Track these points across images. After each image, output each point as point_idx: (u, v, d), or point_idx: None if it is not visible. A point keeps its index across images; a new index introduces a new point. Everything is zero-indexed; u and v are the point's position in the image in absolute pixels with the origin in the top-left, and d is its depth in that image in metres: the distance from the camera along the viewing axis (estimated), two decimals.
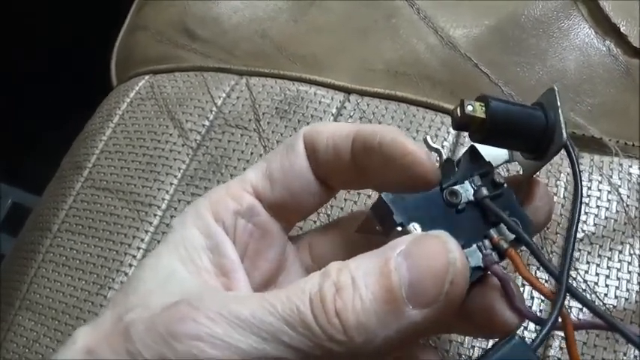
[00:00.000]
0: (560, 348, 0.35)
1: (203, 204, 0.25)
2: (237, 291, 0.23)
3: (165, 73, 0.49)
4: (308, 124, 0.43)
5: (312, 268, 0.27)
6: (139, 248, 0.42)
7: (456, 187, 0.23)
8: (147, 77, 0.50)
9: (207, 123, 0.45)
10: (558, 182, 0.38)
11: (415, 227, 0.22)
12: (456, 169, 0.24)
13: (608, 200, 0.37)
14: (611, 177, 0.38)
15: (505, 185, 0.24)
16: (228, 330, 0.19)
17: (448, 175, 0.24)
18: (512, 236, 0.24)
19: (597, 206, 0.37)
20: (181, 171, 0.44)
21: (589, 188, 0.38)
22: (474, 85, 0.42)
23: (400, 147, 0.23)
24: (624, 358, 0.34)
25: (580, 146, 0.40)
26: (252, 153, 0.43)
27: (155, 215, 0.42)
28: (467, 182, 0.24)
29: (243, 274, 0.24)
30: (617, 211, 0.37)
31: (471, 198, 0.23)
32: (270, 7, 0.50)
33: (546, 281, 0.35)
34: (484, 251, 0.23)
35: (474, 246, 0.23)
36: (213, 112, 0.46)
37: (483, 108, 0.23)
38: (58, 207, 0.46)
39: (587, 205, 0.37)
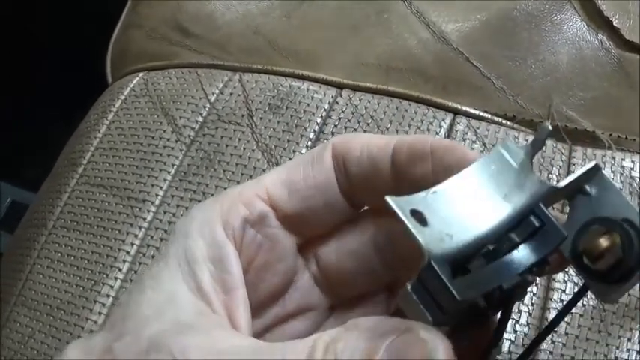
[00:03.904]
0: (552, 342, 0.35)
1: (213, 209, 0.23)
2: (236, 311, 0.22)
3: (159, 70, 0.50)
4: (300, 119, 0.43)
5: (320, 281, 0.26)
6: (132, 244, 0.42)
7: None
8: (141, 74, 0.50)
9: (200, 119, 0.45)
10: (550, 176, 0.38)
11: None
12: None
13: None
14: (604, 170, 0.38)
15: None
16: None
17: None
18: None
19: None
20: (175, 167, 0.44)
21: None
22: (466, 79, 0.42)
23: (459, 153, 0.21)
24: (616, 351, 0.34)
25: (573, 140, 0.40)
26: (244, 149, 0.43)
27: (149, 211, 0.43)
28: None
29: (243, 293, 0.23)
30: None
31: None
32: (262, 2, 0.50)
33: None
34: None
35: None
36: (207, 108, 0.46)
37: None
38: (54, 204, 0.46)
39: None
